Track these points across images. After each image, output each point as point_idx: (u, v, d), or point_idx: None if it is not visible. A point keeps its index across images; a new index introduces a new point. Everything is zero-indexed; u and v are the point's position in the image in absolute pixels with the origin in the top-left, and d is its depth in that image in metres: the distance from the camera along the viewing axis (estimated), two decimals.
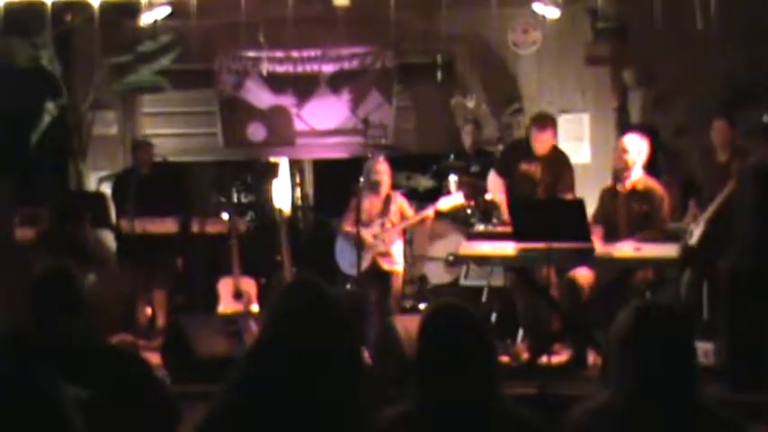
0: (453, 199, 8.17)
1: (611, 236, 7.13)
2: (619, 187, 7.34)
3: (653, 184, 7.33)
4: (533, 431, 2.93)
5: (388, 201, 8.12)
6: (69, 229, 8.94)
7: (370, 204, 8.11)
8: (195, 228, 8.83)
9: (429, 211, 8.04)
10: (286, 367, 2.99)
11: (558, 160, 7.83)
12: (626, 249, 6.90)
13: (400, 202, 8.19)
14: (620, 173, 7.33)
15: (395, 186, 8.41)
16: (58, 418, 2.19)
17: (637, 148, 7.26)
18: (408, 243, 8.42)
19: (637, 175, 7.28)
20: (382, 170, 8.12)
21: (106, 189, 9.59)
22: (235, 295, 8.52)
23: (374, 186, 8.10)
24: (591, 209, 7.24)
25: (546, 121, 7.84)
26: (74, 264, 3.73)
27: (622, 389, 2.79)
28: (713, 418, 2.80)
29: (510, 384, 3.13)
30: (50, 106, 9.81)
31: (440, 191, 8.98)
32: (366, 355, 7.30)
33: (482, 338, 2.95)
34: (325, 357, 2.99)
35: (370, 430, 2.95)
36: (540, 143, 7.72)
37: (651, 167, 7.70)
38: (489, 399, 2.89)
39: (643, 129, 8.85)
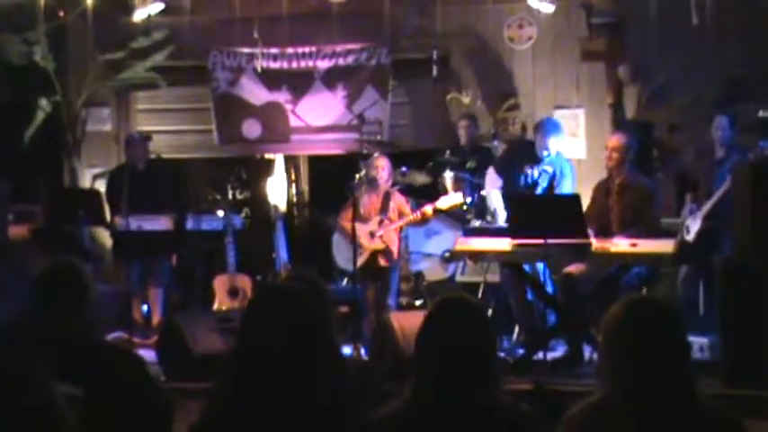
0: (453, 198, 8.15)
1: (603, 232, 7.13)
2: (610, 184, 7.37)
3: (642, 180, 7.36)
4: (531, 424, 2.92)
5: (387, 197, 8.12)
6: (63, 226, 8.91)
7: (369, 201, 8.10)
8: (190, 225, 8.79)
9: (428, 209, 8.02)
10: (262, 366, 2.95)
11: (557, 161, 7.87)
12: (622, 245, 6.89)
13: (399, 200, 8.18)
14: (609, 172, 7.36)
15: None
16: (52, 416, 2.18)
17: (624, 145, 7.28)
18: (404, 240, 8.41)
19: (626, 173, 7.31)
20: (381, 166, 8.12)
21: (100, 186, 9.56)
22: (230, 292, 8.50)
23: (373, 183, 8.10)
24: (587, 205, 7.26)
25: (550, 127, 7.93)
26: (79, 261, 3.70)
27: (615, 386, 2.77)
28: (709, 413, 2.79)
29: (505, 380, 3.11)
30: (44, 103, 9.78)
31: (435, 187, 8.96)
32: (362, 351, 7.30)
33: (488, 333, 2.97)
34: (296, 357, 2.94)
35: (366, 427, 2.93)
36: (545, 149, 7.78)
37: (646, 163, 7.70)
38: (489, 393, 2.88)
39: (638, 124, 8.88)
